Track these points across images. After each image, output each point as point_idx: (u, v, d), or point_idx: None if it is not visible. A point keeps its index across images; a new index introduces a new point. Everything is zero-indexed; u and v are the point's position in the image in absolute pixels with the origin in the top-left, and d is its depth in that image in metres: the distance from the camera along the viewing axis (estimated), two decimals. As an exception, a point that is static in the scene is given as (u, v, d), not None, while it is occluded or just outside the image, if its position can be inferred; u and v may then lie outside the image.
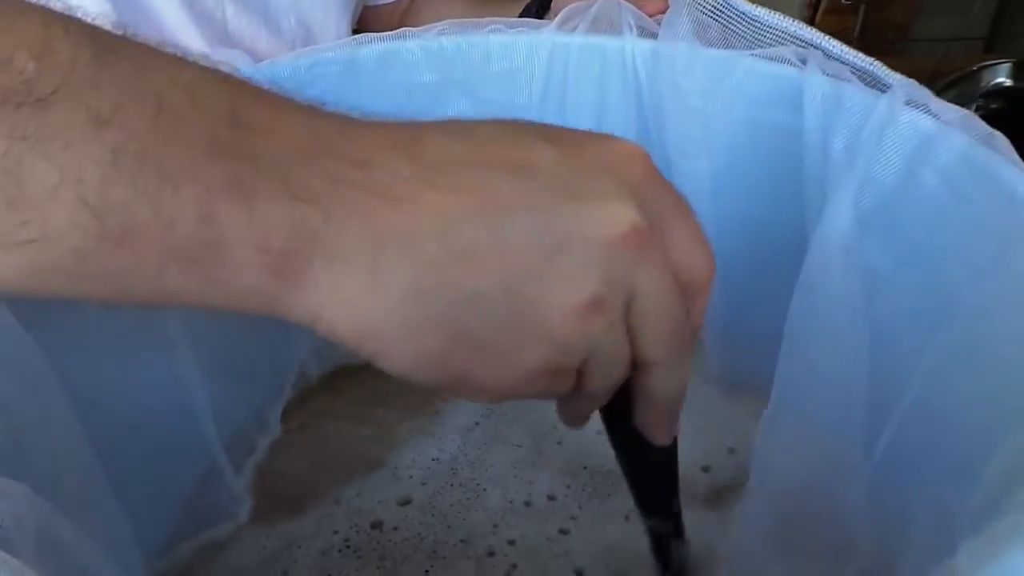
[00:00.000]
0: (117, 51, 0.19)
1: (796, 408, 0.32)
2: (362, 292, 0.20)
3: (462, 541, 0.36)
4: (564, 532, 0.36)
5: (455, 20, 0.39)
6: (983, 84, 0.85)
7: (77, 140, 0.18)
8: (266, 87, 0.22)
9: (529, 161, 0.21)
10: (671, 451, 0.28)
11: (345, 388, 0.44)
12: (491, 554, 0.35)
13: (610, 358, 0.23)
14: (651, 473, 0.29)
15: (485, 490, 0.38)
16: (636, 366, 0.24)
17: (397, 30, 0.39)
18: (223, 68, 0.22)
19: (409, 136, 0.21)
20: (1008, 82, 0.86)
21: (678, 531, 0.31)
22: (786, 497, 0.32)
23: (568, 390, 0.24)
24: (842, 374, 0.30)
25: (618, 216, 0.21)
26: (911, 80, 0.32)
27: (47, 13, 0.19)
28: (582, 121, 0.41)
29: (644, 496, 0.29)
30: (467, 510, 0.37)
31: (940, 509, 0.26)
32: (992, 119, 0.31)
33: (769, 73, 0.35)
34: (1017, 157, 0.29)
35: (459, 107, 0.39)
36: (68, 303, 0.20)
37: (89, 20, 0.20)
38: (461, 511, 0.37)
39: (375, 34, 0.39)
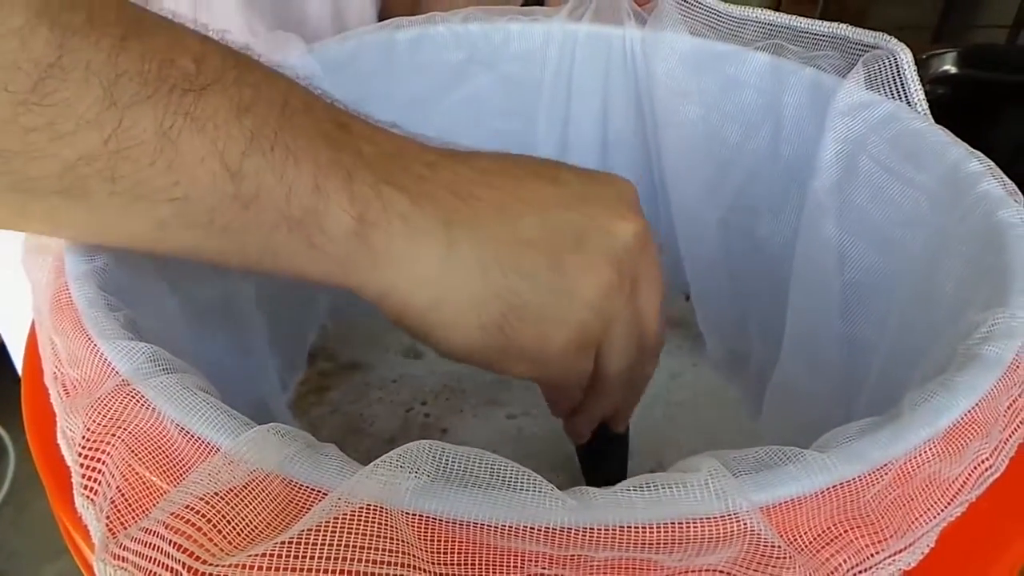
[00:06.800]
0: (251, 65, 0.24)
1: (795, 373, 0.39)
2: (437, 263, 0.25)
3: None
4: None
5: (477, 7, 0.45)
6: (931, 71, 0.88)
7: (224, 121, 0.22)
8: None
9: (557, 175, 0.28)
10: (625, 437, 0.36)
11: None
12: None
13: (627, 330, 0.29)
14: (608, 457, 0.36)
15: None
16: None
17: (426, 15, 0.44)
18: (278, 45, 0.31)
19: (465, 152, 0.28)
20: (953, 69, 0.89)
21: None
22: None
23: (588, 374, 0.29)
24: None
25: (628, 218, 0.28)
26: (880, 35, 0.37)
27: (203, 34, 0.24)
28: (587, 98, 0.47)
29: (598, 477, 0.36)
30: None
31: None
32: (938, 104, 0.36)
33: (732, 79, 0.41)
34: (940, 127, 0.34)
35: (482, 81, 0.45)
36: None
37: None
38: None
39: (408, 18, 0.44)
